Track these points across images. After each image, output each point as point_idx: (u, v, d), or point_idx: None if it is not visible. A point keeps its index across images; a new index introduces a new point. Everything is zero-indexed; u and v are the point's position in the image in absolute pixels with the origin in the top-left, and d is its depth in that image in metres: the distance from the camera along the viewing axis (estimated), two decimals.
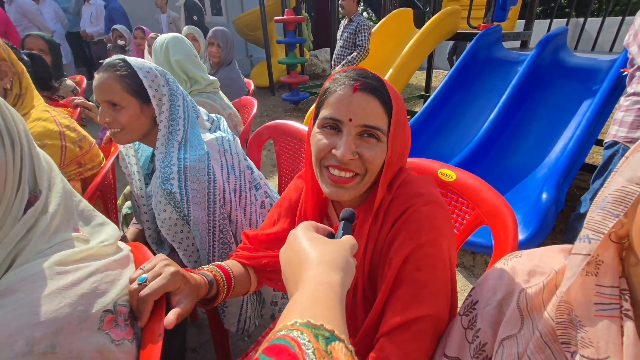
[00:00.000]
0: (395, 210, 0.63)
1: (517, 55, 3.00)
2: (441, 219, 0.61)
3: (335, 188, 0.61)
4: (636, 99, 1.49)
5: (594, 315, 0.40)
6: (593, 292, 0.41)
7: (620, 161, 0.42)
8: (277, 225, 0.83)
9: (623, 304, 0.39)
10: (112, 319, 0.48)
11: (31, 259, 0.45)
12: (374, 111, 0.58)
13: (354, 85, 0.58)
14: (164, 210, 0.97)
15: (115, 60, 0.95)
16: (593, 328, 0.39)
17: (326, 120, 0.60)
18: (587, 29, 4.80)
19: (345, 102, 0.58)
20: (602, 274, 0.40)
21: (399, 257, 0.59)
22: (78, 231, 0.56)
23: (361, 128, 0.58)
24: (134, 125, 0.97)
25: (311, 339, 0.28)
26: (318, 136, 0.61)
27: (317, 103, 0.65)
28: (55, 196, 0.53)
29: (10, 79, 1.09)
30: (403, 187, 0.65)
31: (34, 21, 4.17)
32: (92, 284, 0.47)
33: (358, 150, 0.59)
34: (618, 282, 0.40)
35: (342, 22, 3.80)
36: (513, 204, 2.05)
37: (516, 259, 0.55)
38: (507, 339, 0.48)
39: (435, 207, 0.62)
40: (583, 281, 0.41)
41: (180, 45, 1.70)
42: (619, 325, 0.38)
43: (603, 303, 0.40)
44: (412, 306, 0.57)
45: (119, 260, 0.56)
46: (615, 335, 0.38)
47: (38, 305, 0.40)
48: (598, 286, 0.40)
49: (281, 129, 1.50)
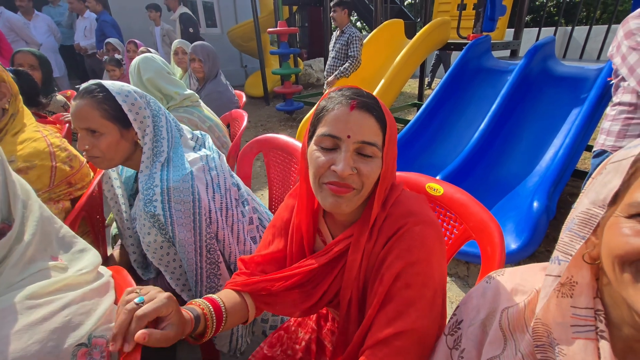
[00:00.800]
0: (389, 228, 0.65)
1: (506, 65, 3.04)
2: (432, 238, 0.63)
3: (334, 198, 0.62)
4: (622, 108, 1.51)
5: (571, 337, 0.40)
6: (569, 314, 0.41)
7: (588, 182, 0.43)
8: (272, 245, 0.83)
9: (598, 325, 0.39)
10: (86, 352, 0.46)
11: (1, 292, 0.44)
12: (370, 128, 0.60)
13: (352, 104, 0.60)
14: (149, 233, 0.96)
15: (92, 85, 0.93)
16: (571, 350, 0.39)
17: (324, 137, 0.61)
18: (576, 37, 4.89)
19: (343, 119, 0.60)
20: (577, 294, 0.41)
21: (390, 274, 0.61)
22: (56, 259, 0.55)
23: (359, 144, 0.60)
24: (114, 151, 0.95)
25: None
26: (316, 154, 0.62)
27: (312, 121, 0.66)
28: (31, 224, 0.52)
29: (8, 99, 1.11)
30: (397, 205, 0.67)
31: (21, 35, 4.18)
32: (65, 317, 0.46)
33: (356, 165, 0.60)
34: (593, 302, 0.40)
35: (334, 34, 3.85)
36: (504, 213, 2.07)
37: (499, 277, 0.55)
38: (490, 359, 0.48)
39: (426, 226, 0.63)
40: (559, 303, 0.41)
41: (149, 64, 1.72)
42: (595, 346, 0.38)
43: (579, 325, 0.40)
44: (396, 322, 0.59)
45: (97, 289, 0.55)
46: (591, 356, 0.38)
47: (5, 344, 0.39)
48: (573, 307, 0.41)
49: (271, 143, 1.50)
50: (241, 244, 1.13)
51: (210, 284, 1.04)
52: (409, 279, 0.60)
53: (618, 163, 0.40)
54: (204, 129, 1.81)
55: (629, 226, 0.36)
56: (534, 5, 10.07)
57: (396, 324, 0.59)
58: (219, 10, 7.83)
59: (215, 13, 7.82)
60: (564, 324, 0.41)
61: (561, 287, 0.42)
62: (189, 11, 5.08)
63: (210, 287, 1.04)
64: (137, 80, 1.72)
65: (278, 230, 0.83)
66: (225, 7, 7.88)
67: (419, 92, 5.21)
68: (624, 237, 0.36)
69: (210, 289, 1.04)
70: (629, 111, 1.48)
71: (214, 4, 7.77)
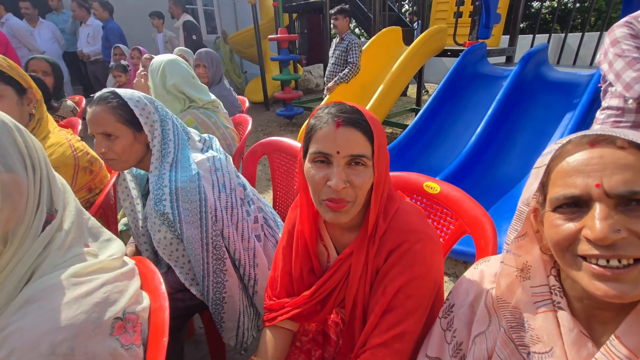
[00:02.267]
0: (391, 242, 0.71)
1: (502, 71, 3.13)
2: (431, 254, 0.70)
3: (333, 213, 0.68)
4: (610, 112, 1.58)
5: (535, 313, 0.46)
6: (530, 293, 0.48)
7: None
8: (285, 259, 0.90)
9: (554, 298, 0.46)
10: (122, 325, 0.52)
11: (49, 271, 0.50)
12: (357, 141, 0.65)
13: (337, 121, 0.65)
14: (159, 230, 1.01)
15: (106, 93, 1.00)
16: (536, 324, 0.46)
17: (316, 155, 0.67)
18: (569, 44, 5.00)
19: (330, 137, 0.65)
20: (533, 276, 0.49)
21: (393, 287, 0.69)
22: (88, 246, 0.61)
23: (348, 158, 0.65)
24: (128, 153, 1.02)
25: None
26: (312, 171, 0.68)
27: (304, 139, 0.72)
28: (69, 215, 0.58)
29: (34, 105, 1.16)
30: (397, 218, 0.73)
31: (23, 42, 4.24)
32: (104, 294, 0.52)
33: (348, 178, 0.66)
34: (547, 280, 0.48)
35: (334, 40, 3.93)
36: (500, 214, 2.13)
37: (485, 263, 0.61)
38: (477, 336, 0.54)
39: (425, 243, 0.70)
40: (522, 286, 0.49)
41: (175, 68, 1.73)
42: (554, 316, 0.45)
43: (538, 301, 0.47)
44: (396, 328, 0.67)
45: (126, 273, 0.61)
46: (552, 326, 0.44)
47: (58, 312, 0.45)
48: (532, 287, 0.48)
49: (275, 146, 1.56)
50: (245, 242, 1.18)
51: (216, 278, 1.09)
52: (410, 292, 0.68)
53: (537, 169, 0.48)
54: (218, 134, 1.85)
55: (555, 218, 0.44)
56: (528, 12, 10.24)
57: (396, 329, 0.67)
58: (220, 17, 7.94)
59: (216, 20, 7.93)
60: (529, 303, 0.48)
61: (521, 272, 0.49)
62: (192, 19, 5.17)
63: (216, 282, 1.09)
64: (159, 80, 1.72)
65: (285, 242, 0.90)
66: (226, 14, 7.98)
67: (417, 98, 5.30)
68: (554, 228, 0.44)
69: (217, 284, 1.09)
70: (617, 115, 1.56)
71: (214, 11, 7.88)
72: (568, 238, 0.42)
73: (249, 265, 1.17)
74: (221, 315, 1.13)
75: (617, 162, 0.39)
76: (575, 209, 0.42)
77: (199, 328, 1.70)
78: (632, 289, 0.38)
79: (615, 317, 0.43)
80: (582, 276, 0.41)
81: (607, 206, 0.39)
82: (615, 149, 0.41)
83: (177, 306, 1.15)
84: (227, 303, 1.12)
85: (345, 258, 0.76)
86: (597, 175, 0.40)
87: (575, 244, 0.42)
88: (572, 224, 0.42)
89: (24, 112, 1.15)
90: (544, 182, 0.47)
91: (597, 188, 0.40)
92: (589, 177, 0.41)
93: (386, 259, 0.71)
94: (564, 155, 0.44)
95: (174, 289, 1.14)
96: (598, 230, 0.38)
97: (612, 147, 0.41)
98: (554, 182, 0.44)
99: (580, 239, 0.41)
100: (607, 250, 0.39)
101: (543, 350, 0.44)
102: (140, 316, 0.57)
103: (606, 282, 0.39)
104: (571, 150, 0.44)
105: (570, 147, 0.44)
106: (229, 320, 1.14)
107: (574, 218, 0.42)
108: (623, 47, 1.43)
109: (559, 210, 0.43)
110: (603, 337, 0.43)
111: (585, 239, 0.41)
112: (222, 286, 1.10)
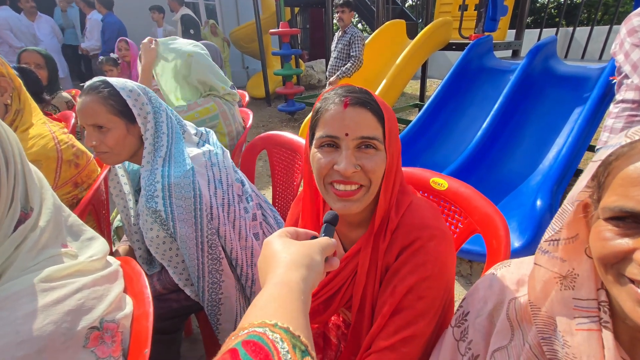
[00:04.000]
0: (403, 239, 0.65)
1: (508, 65, 3.05)
2: (445, 253, 0.64)
3: (342, 202, 0.62)
4: (625, 105, 1.51)
5: (575, 329, 0.40)
6: (572, 306, 0.41)
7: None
8: None
9: (602, 316, 0.39)
10: (98, 336, 0.47)
11: (16, 275, 0.45)
12: (367, 123, 0.60)
13: (344, 101, 0.59)
14: (151, 228, 0.96)
15: (97, 82, 0.94)
16: (575, 341, 0.40)
17: (323, 139, 0.61)
18: (577, 38, 4.90)
19: (338, 118, 0.59)
20: (579, 287, 0.41)
21: (403, 287, 0.63)
22: (66, 246, 0.55)
23: (358, 140, 0.59)
24: (121, 146, 0.96)
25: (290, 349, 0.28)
26: (318, 155, 0.62)
27: (310, 124, 0.66)
28: (46, 212, 0.52)
29: (10, 94, 1.10)
30: (410, 213, 0.67)
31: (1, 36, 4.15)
32: (78, 301, 0.46)
33: (359, 162, 0.60)
34: (595, 294, 0.41)
35: (336, 34, 3.86)
36: (508, 211, 2.07)
37: (505, 268, 0.55)
38: (498, 350, 0.48)
39: (440, 241, 0.64)
40: (562, 295, 0.42)
41: (202, 61, 1.71)
42: (599, 337, 0.38)
43: (582, 316, 0.40)
44: (405, 330, 0.62)
45: (107, 276, 0.55)
46: (595, 348, 0.38)
47: (21, 324, 0.40)
48: (576, 299, 0.41)
49: (275, 140, 1.50)
50: (242, 240, 1.13)
51: (212, 279, 1.04)
52: (422, 293, 0.62)
53: (592, 163, 0.40)
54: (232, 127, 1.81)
55: (606, 229, 0.37)
56: (535, 7, 10.09)
57: (405, 332, 0.61)
58: (221, 12, 7.86)
59: (218, 14, 7.85)
60: (567, 315, 0.41)
61: (563, 280, 0.42)
62: (190, 12, 5.10)
63: (212, 283, 1.04)
64: (181, 68, 1.69)
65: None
66: (227, 8, 7.91)
67: (420, 93, 5.22)
68: (601, 241, 0.37)
69: (213, 285, 1.05)
70: (632, 108, 1.49)
71: (216, 5, 7.80)
72: (616, 256, 0.35)
73: (247, 265, 1.12)
74: (217, 317, 1.08)
75: None
76: (633, 224, 0.35)
77: (196, 327, 1.66)
78: None
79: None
80: (625, 299, 0.35)
81: None
82: None
83: (172, 307, 1.10)
84: (223, 304, 1.07)
85: (353, 255, 0.70)
86: None
87: (623, 263, 0.35)
88: (625, 241, 0.35)
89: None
90: (600, 181, 0.39)
91: None
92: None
93: (397, 257, 0.65)
94: (634, 157, 0.35)
95: (167, 289, 1.09)
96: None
97: None
98: (614, 188, 0.37)
99: (631, 260, 0.35)
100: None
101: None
102: (121, 324, 0.52)
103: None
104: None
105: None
106: (225, 321, 1.09)
107: (630, 234, 0.35)
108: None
109: (612, 222, 0.36)
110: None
111: (637, 263, 0.34)
112: (218, 287, 1.05)
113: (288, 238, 0.46)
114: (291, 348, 0.28)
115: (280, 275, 0.38)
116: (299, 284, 0.37)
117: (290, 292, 0.35)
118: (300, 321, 0.32)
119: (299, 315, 0.33)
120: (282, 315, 0.31)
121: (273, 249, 0.43)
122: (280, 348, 0.27)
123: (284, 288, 0.36)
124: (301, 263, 0.40)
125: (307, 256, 0.41)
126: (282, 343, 0.28)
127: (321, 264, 0.42)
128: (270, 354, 0.27)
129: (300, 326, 0.31)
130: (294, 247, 0.42)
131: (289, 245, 0.43)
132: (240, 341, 0.28)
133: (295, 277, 0.37)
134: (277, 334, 0.29)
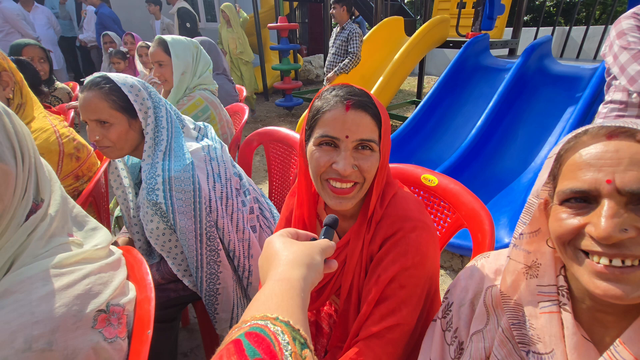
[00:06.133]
0: (386, 229, 0.69)
1: (504, 63, 3.08)
2: (427, 243, 0.68)
3: (338, 199, 0.65)
4: (613, 106, 1.55)
5: (539, 313, 0.45)
6: (536, 292, 0.46)
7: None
8: None
9: (560, 299, 0.44)
10: (105, 318, 0.51)
11: (28, 261, 0.48)
12: (367, 126, 0.63)
13: (347, 104, 0.62)
14: (151, 220, 0.99)
15: (97, 78, 0.96)
16: (539, 325, 0.44)
17: (323, 138, 0.63)
18: (573, 37, 4.93)
19: (339, 120, 0.62)
20: (542, 275, 0.46)
21: (386, 276, 0.66)
22: (72, 236, 0.59)
23: (357, 142, 0.63)
24: (124, 141, 0.99)
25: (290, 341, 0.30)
26: (316, 154, 0.65)
27: (308, 121, 0.68)
28: (54, 203, 0.56)
29: (12, 88, 1.11)
30: (394, 205, 0.71)
31: (15, 27, 4.13)
32: (86, 286, 0.50)
33: (356, 162, 0.63)
34: (555, 280, 0.46)
35: (334, 30, 3.86)
36: (499, 207, 2.12)
37: (485, 259, 0.59)
38: (475, 334, 0.52)
39: (422, 232, 0.68)
40: (528, 284, 0.46)
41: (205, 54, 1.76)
42: (559, 318, 0.43)
43: (544, 301, 0.45)
44: (389, 318, 0.66)
45: (111, 264, 0.59)
46: (556, 328, 0.42)
47: (36, 306, 0.43)
48: (539, 286, 0.46)
49: (271, 135, 1.53)
50: (240, 233, 1.16)
51: (210, 270, 1.08)
52: (404, 281, 0.66)
53: (549, 160, 0.46)
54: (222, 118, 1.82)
55: (561, 211, 0.42)
56: (533, 5, 10.09)
57: (390, 320, 0.65)
58: (220, 5, 7.81)
59: (216, 7, 7.80)
60: (532, 301, 0.46)
61: (529, 270, 0.47)
62: (187, 5, 5.06)
63: (210, 274, 1.08)
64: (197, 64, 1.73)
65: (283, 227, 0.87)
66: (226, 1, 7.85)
67: (417, 90, 5.25)
68: (558, 221, 0.42)
69: (210, 275, 1.08)
70: (619, 109, 1.53)
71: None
72: (571, 232, 0.40)
73: (244, 257, 1.16)
74: (215, 307, 1.12)
75: (633, 157, 0.37)
76: (584, 204, 0.40)
77: (193, 317, 1.70)
78: (633, 290, 0.36)
79: (618, 321, 0.42)
80: (583, 273, 0.40)
81: (616, 203, 0.37)
82: (633, 142, 0.38)
83: (170, 296, 1.14)
84: (220, 294, 1.11)
85: (343, 246, 0.74)
86: (609, 170, 0.38)
87: (578, 239, 0.40)
88: (577, 219, 0.40)
89: (0, 96, 1.11)
90: (555, 173, 0.45)
91: (608, 184, 0.38)
92: (600, 171, 0.39)
93: (380, 247, 0.69)
94: (578, 147, 0.42)
95: (166, 279, 1.12)
96: (602, 229, 0.36)
97: (630, 140, 0.39)
98: (564, 175, 0.43)
99: (584, 234, 0.40)
100: (610, 248, 0.37)
101: (543, 350, 0.43)
102: (125, 308, 0.55)
103: (607, 281, 0.37)
104: (586, 142, 0.42)
105: (586, 139, 0.42)
106: (222, 311, 1.13)
107: (581, 214, 0.40)
108: (629, 39, 1.40)
109: (566, 204, 0.42)
110: (604, 341, 0.42)
111: (589, 236, 0.39)
112: (215, 277, 1.09)
113: (289, 238, 0.48)
114: (291, 340, 0.30)
115: (281, 272, 0.40)
116: (299, 281, 0.38)
117: (290, 289, 0.37)
118: (300, 316, 0.34)
119: (299, 310, 0.35)
120: (283, 310, 0.33)
121: (275, 248, 0.45)
122: (281, 339, 0.29)
123: (285, 285, 0.37)
124: (302, 262, 0.42)
125: (307, 256, 0.43)
126: (282, 335, 0.30)
127: (321, 264, 0.44)
128: (271, 344, 0.29)
129: (299, 321, 0.33)
130: (295, 246, 0.44)
131: (291, 244, 0.45)
132: (243, 332, 0.30)
133: (295, 275, 0.39)
134: (278, 327, 0.31)
